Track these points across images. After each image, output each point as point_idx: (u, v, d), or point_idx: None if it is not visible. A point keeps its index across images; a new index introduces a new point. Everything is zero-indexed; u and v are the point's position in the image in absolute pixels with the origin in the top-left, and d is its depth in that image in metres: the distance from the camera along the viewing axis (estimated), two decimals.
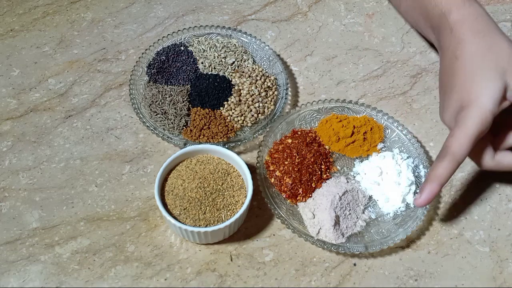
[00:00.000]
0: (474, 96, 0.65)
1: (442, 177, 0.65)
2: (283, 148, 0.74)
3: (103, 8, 0.92)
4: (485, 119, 0.64)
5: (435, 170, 0.65)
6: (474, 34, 0.68)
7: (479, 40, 0.68)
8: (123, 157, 0.77)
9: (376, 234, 0.70)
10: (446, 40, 0.71)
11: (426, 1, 0.75)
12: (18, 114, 0.80)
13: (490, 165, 0.69)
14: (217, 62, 0.82)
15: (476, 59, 0.67)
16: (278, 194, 0.72)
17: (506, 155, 0.68)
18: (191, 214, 0.68)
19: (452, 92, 0.68)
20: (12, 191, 0.74)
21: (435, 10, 0.73)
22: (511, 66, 0.66)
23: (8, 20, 0.89)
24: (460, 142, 0.64)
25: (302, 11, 0.92)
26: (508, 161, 0.68)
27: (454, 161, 0.64)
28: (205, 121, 0.76)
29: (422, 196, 0.65)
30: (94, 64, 0.85)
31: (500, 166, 0.69)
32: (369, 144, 0.77)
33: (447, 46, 0.71)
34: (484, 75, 0.66)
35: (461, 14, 0.70)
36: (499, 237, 0.72)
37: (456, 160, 0.64)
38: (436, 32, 0.75)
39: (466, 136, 0.64)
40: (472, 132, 0.64)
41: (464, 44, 0.68)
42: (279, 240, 0.71)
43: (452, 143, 0.64)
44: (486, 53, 0.67)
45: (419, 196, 0.65)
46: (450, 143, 0.65)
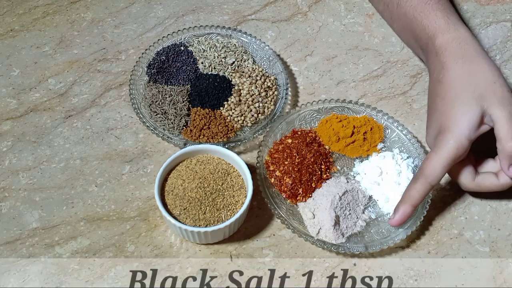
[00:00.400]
0: (452, 122, 0.67)
1: (414, 199, 0.67)
2: (283, 148, 0.74)
3: (103, 8, 0.92)
4: (461, 144, 0.67)
5: (409, 192, 0.68)
6: (456, 59, 0.70)
7: (461, 66, 0.70)
8: (123, 157, 0.77)
9: (376, 234, 0.70)
10: (432, 63, 0.74)
11: (414, 24, 0.77)
12: (18, 114, 0.80)
13: (470, 187, 0.71)
14: (217, 62, 0.82)
15: (456, 85, 0.69)
16: (278, 194, 0.72)
17: (486, 178, 0.70)
18: (191, 214, 0.68)
19: (434, 115, 0.71)
20: (12, 191, 0.74)
21: (423, 34, 0.75)
22: (488, 92, 0.68)
23: (8, 20, 0.89)
24: (434, 166, 0.67)
25: (302, 11, 0.92)
26: (489, 183, 0.70)
27: (427, 183, 0.67)
28: (205, 121, 0.76)
29: (396, 216, 0.68)
30: (94, 64, 0.85)
31: (480, 188, 0.70)
32: (369, 144, 0.77)
33: (433, 70, 0.73)
34: (462, 101, 0.68)
35: (446, 39, 0.72)
36: (499, 237, 0.72)
37: (429, 183, 0.67)
38: (425, 54, 0.77)
39: (440, 160, 0.67)
40: (446, 157, 0.66)
41: (446, 69, 0.71)
42: (279, 240, 0.71)
43: (427, 166, 0.67)
44: (466, 79, 0.69)
45: (393, 217, 0.68)
46: (425, 165, 0.68)
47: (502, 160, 0.67)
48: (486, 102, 0.67)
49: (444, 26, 0.73)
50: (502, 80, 0.69)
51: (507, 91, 0.68)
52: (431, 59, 0.74)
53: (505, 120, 0.66)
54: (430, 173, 0.67)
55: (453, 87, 0.69)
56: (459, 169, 0.70)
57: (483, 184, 0.70)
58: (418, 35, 0.76)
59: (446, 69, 0.70)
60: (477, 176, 0.70)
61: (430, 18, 0.74)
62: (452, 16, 0.74)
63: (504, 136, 0.66)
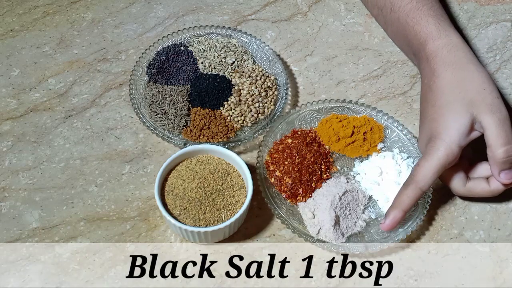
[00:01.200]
0: (442, 129, 0.68)
1: (405, 204, 0.67)
2: (283, 148, 0.74)
3: (103, 8, 0.92)
4: (451, 151, 0.67)
5: (399, 197, 0.68)
6: (446, 66, 0.71)
7: (451, 73, 0.70)
8: (123, 157, 0.77)
9: (376, 234, 0.70)
10: (423, 69, 0.74)
11: (407, 30, 0.77)
12: (18, 114, 0.80)
13: (461, 192, 0.71)
14: (217, 62, 0.82)
15: (446, 91, 0.69)
16: (278, 194, 0.72)
17: (478, 183, 0.70)
18: (191, 214, 0.68)
19: (425, 122, 0.71)
20: (12, 191, 0.74)
21: (415, 39, 0.76)
22: (478, 99, 0.68)
23: (8, 20, 0.89)
24: (424, 172, 0.67)
25: (302, 11, 0.92)
26: (480, 189, 0.70)
27: (417, 189, 0.67)
28: (205, 121, 0.76)
29: (386, 221, 0.68)
30: (94, 64, 0.85)
31: (471, 193, 0.71)
32: (369, 144, 0.77)
33: (424, 76, 0.74)
34: (452, 109, 0.68)
35: (436, 45, 0.72)
36: (499, 237, 0.72)
37: (419, 189, 0.67)
38: (417, 60, 0.77)
39: (430, 167, 0.67)
40: (436, 164, 0.67)
41: (437, 76, 0.71)
42: (279, 240, 0.71)
43: (417, 173, 0.68)
44: (455, 86, 0.69)
45: (384, 221, 0.68)
46: (416, 172, 0.68)
47: (493, 166, 0.67)
48: (476, 109, 0.67)
49: (435, 32, 0.73)
50: (492, 86, 0.69)
51: (496, 97, 0.68)
52: (423, 65, 0.74)
53: (494, 127, 0.66)
54: (421, 179, 0.67)
55: (443, 94, 0.69)
56: (451, 175, 0.70)
57: (474, 190, 0.70)
58: (410, 41, 0.77)
59: (437, 76, 0.71)
60: (468, 182, 0.70)
61: (421, 24, 0.75)
62: (444, 22, 0.75)
63: (494, 143, 0.66)
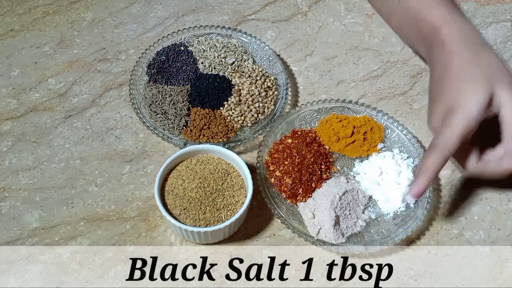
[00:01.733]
0: (461, 102, 0.68)
1: (431, 171, 0.67)
2: (283, 148, 0.74)
3: (103, 8, 0.92)
4: (470, 122, 0.67)
5: (424, 165, 0.68)
6: (464, 46, 0.71)
7: (469, 52, 0.71)
8: (123, 157, 0.77)
9: (376, 234, 0.70)
10: (437, 53, 0.74)
11: (417, 18, 0.77)
12: (18, 114, 0.80)
13: (473, 168, 0.70)
14: (217, 62, 0.82)
15: (465, 68, 0.70)
16: (278, 194, 0.72)
17: (489, 163, 0.70)
18: (191, 214, 0.68)
19: (441, 98, 0.71)
20: (12, 191, 0.74)
21: (426, 27, 0.76)
22: (497, 75, 0.68)
23: (8, 20, 0.89)
24: (447, 137, 0.67)
25: (302, 11, 0.92)
26: (492, 168, 0.70)
27: (442, 156, 0.67)
28: (205, 121, 0.76)
29: (415, 189, 0.68)
30: (94, 64, 0.85)
31: (483, 172, 0.70)
32: (369, 144, 0.77)
33: (437, 59, 0.74)
34: (471, 83, 0.68)
35: (452, 29, 0.73)
36: (499, 237, 0.72)
37: (444, 155, 0.67)
38: (427, 46, 0.77)
39: (453, 132, 0.66)
40: (459, 130, 0.66)
41: (454, 56, 0.71)
42: (279, 240, 0.71)
43: (440, 139, 0.67)
44: (474, 64, 0.70)
45: (411, 190, 0.68)
46: (438, 139, 0.67)
47: (508, 142, 0.67)
48: (495, 85, 0.68)
49: (450, 18, 0.74)
50: (508, 67, 0.70)
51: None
52: (436, 49, 0.74)
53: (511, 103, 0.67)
54: (444, 144, 0.66)
55: (462, 70, 0.70)
56: (464, 151, 0.70)
57: (485, 169, 0.70)
58: (420, 29, 0.77)
59: (454, 55, 0.71)
60: (480, 161, 0.70)
61: (434, 12, 0.75)
62: (456, 10, 0.76)
63: (510, 120, 0.67)
